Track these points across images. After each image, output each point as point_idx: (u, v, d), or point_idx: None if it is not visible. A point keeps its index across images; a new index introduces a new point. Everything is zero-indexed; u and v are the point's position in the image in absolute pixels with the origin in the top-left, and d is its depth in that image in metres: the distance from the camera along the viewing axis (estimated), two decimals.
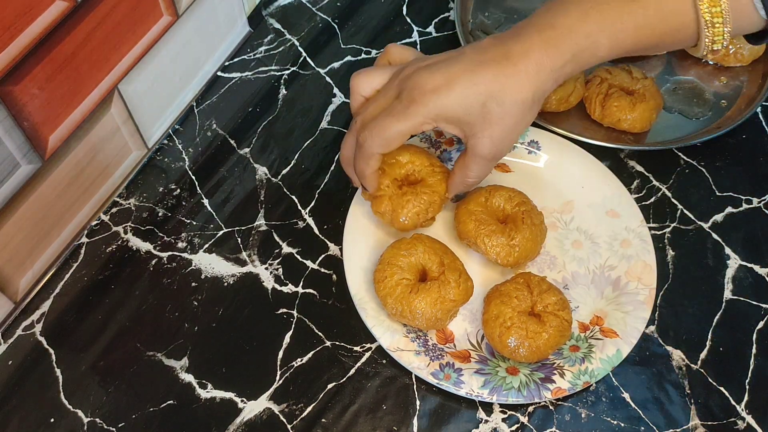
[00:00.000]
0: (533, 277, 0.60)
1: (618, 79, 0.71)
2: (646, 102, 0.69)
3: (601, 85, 0.71)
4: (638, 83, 0.71)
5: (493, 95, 0.53)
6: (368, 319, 0.60)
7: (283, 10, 0.82)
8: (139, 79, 0.64)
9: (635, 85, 0.71)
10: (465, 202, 0.63)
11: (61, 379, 0.59)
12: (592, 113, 0.71)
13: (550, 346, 0.57)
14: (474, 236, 0.61)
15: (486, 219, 0.61)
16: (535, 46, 0.53)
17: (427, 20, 0.82)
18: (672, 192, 0.70)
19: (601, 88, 0.71)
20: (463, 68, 0.54)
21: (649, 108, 0.69)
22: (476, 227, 0.61)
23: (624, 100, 0.69)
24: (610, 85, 0.71)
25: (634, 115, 0.69)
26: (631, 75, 0.71)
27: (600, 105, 0.70)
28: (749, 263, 0.65)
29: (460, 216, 0.62)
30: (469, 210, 0.62)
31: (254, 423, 0.57)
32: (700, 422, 0.58)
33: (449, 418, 0.58)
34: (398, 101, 0.55)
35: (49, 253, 0.63)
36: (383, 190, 0.62)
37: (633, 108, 0.69)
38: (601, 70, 0.72)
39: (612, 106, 0.69)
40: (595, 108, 0.71)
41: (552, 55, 0.53)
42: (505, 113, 0.54)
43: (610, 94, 0.70)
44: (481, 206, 0.62)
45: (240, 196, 0.69)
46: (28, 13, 0.50)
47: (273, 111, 0.75)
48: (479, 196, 0.63)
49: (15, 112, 0.52)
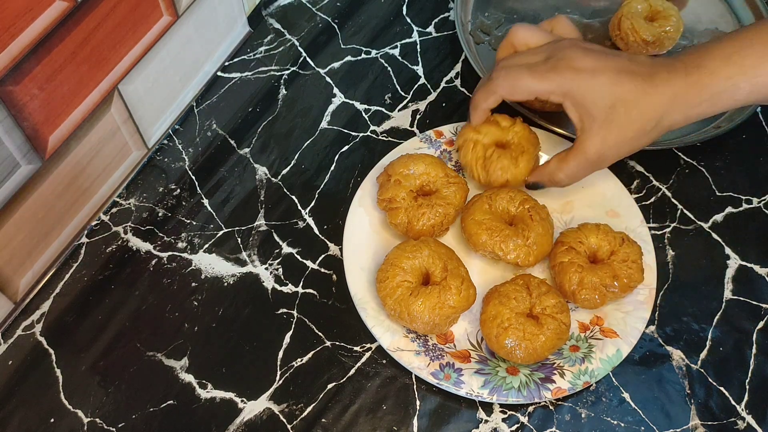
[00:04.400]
0: (533, 278, 0.60)
1: (489, 135, 0.66)
2: (526, 152, 0.65)
3: (476, 149, 0.66)
4: (509, 132, 0.66)
5: (626, 101, 0.56)
6: (368, 319, 0.60)
7: (283, 10, 0.82)
8: (139, 79, 0.64)
9: (507, 135, 0.66)
10: (470, 212, 0.62)
11: (61, 379, 0.59)
12: (477, 180, 0.66)
13: (547, 348, 0.57)
14: (491, 246, 0.60)
15: (496, 225, 0.61)
16: (679, 79, 0.55)
17: (427, 20, 0.82)
18: (672, 192, 0.70)
19: (477, 152, 0.65)
20: (613, 66, 0.57)
21: (531, 157, 0.65)
22: (490, 236, 0.60)
23: (505, 159, 0.64)
24: (484, 146, 0.66)
25: (519, 169, 0.65)
26: (499, 125, 0.66)
27: (483, 170, 0.66)
28: (749, 263, 0.65)
29: (470, 228, 0.62)
30: (477, 221, 0.61)
31: (254, 423, 0.57)
32: (700, 422, 0.58)
33: (449, 418, 0.58)
34: (543, 63, 0.58)
35: (49, 253, 0.63)
36: (399, 203, 0.62)
37: (516, 164, 0.65)
38: (469, 131, 0.66)
39: (496, 170, 0.65)
40: (479, 174, 0.66)
41: (690, 92, 0.55)
42: (627, 122, 0.56)
43: (489, 156, 0.65)
44: (487, 213, 0.62)
45: (240, 196, 0.69)
46: (28, 13, 0.50)
47: (273, 111, 0.75)
48: (482, 204, 0.63)
49: (15, 112, 0.52)
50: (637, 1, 0.77)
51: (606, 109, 0.56)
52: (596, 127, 0.57)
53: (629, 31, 0.76)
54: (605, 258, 0.61)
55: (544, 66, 0.58)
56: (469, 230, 0.62)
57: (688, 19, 0.81)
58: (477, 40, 0.79)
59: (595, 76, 0.56)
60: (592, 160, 0.59)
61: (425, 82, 0.77)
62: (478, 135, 0.66)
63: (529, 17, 0.82)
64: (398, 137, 0.73)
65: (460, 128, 0.70)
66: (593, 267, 0.60)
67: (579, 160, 0.59)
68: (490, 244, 0.60)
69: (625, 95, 0.56)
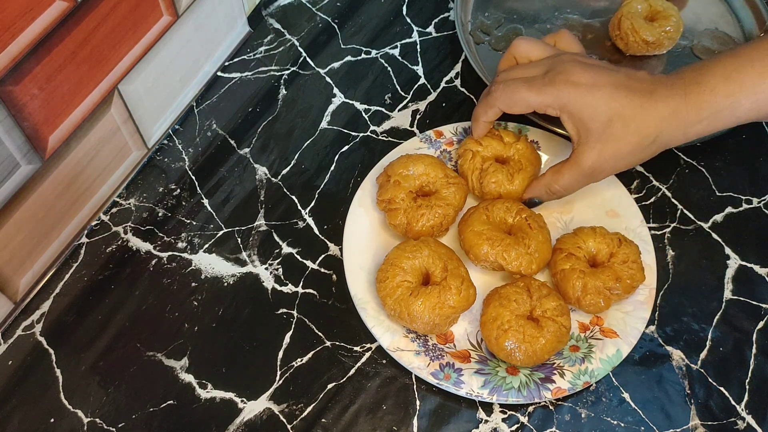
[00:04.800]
0: (534, 281, 0.60)
1: (490, 149, 0.66)
2: (523, 170, 0.65)
3: (474, 160, 0.66)
4: (511, 149, 0.66)
5: (623, 116, 0.56)
6: (368, 319, 0.60)
7: (283, 10, 0.82)
8: (139, 79, 0.64)
9: (508, 151, 0.66)
10: (468, 224, 0.62)
11: (61, 379, 0.59)
12: (471, 190, 0.67)
13: (546, 351, 0.57)
14: (493, 255, 0.60)
15: (496, 235, 0.61)
16: (678, 96, 0.55)
17: (427, 20, 0.82)
18: (672, 192, 0.70)
19: (475, 163, 0.66)
20: (611, 81, 0.57)
21: (528, 176, 0.65)
22: (491, 246, 0.60)
23: (500, 174, 0.64)
24: (483, 158, 0.66)
25: (513, 186, 0.65)
26: (502, 141, 0.66)
27: (477, 181, 0.66)
28: (749, 263, 0.65)
29: (470, 240, 0.61)
30: (477, 231, 0.61)
31: (254, 423, 0.57)
32: (700, 422, 0.58)
33: (449, 418, 0.58)
34: (541, 77, 0.59)
35: (49, 253, 0.63)
36: (398, 203, 0.62)
37: (511, 180, 0.65)
38: (471, 142, 0.67)
39: (490, 183, 0.65)
40: (473, 185, 0.66)
41: (690, 109, 0.55)
42: (624, 136, 0.56)
43: (486, 169, 0.65)
44: (486, 224, 0.62)
45: (240, 196, 0.69)
46: (28, 13, 0.50)
47: (273, 111, 0.75)
48: (480, 215, 0.62)
49: (15, 112, 0.52)
50: (637, 1, 0.77)
51: (603, 123, 0.56)
52: (593, 140, 0.57)
53: (629, 31, 0.76)
54: (605, 261, 0.61)
55: (542, 80, 0.58)
56: (469, 242, 0.61)
57: (688, 19, 0.81)
58: (477, 40, 0.79)
59: (593, 90, 0.56)
60: (587, 172, 0.59)
61: (425, 82, 0.77)
62: (479, 147, 0.66)
63: (529, 17, 0.82)
64: (398, 137, 0.73)
65: (461, 129, 0.70)
66: (595, 271, 0.60)
67: (574, 172, 0.59)
68: (493, 254, 0.60)
69: (622, 110, 0.56)
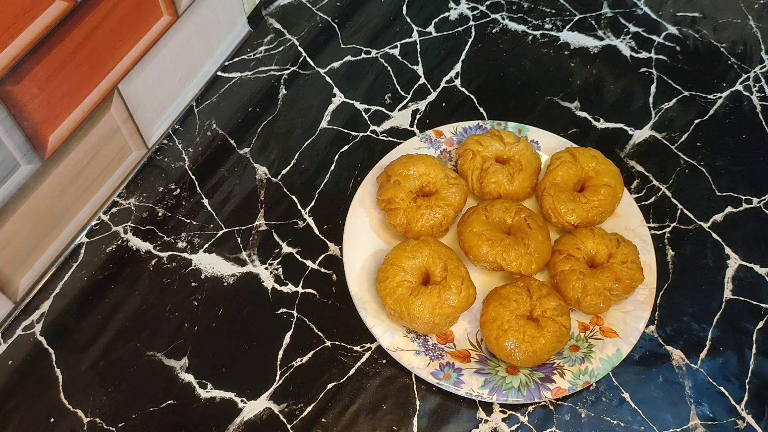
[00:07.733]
0: (534, 281, 0.60)
1: (490, 149, 0.66)
2: (523, 171, 0.65)
3: (474, 160, 0.66)
4: (512, 149, 0.66)
5: None
6: (368, 319, 0.60)
7: (283, 10, 0.82)
8: (139, 79, 0.64)
9: (509, 152, 0.66)
10: (467, 225, 0.62)
11: (61, 379, 0.59)
12: (471, 190, 0.66)
13: (546, 351, 0.57)
14: (493, 255, 0.60)
15: (496, 236, 0.61)
16: None
17: (427, 20, 0.82)
18: (672, 192, 0.70)
19: (475, 163, 0.66)
20: None
21: (528, 176, 0.65)
22: (491, 246, 0.60)
23: (501, 174, 0.65)
24: (483, 158, 0.66)
25: (513, 186, 0.65)
26: (503, 141, 0.67)
27: (478, 181, 0.66)
28: (749, 263, 0.65)
29: (469, 241, 0.61)
30: (476, 232, 0.61)
31: (254, 423, 0.57)
32: (700, 422, 0.58)
33: (449, 418, 0.58)
34: None
35: (49, 253, 0.63)
36: (398, 203, 0.62)
37: (511, 181, 0.65)
38: (472, 142, 0.67)
39: (490, 183, 0.65)
40: (473, 185, 0.66)
41: None
42: None
43: (486, 168, 0.65)
44: (485, 224, 0.62)
45: (240, 196, 0.69)
46: (28, 13, 0.50)
47: (273, 111, 0.75)
48: (479, 215, 0.62)
49: (15, 112, 0.52)
50: (562, 166, 0.65)
51: None
52: None
53: (551, 212, 0.64)
54: (604, 261, 0.61)
55: None
56: (468, 243, 0.61)
57: None
58: None
59: None
60: None
61: (425, 82, 0.77)
62: (479, 146, 0.66)
63: None
64: (398, 137, 0.73)
65: (461, 128, 0.70)
66: (594, 272, 0.60)
67: None
68: (492, 255, 0.60)
69: None
